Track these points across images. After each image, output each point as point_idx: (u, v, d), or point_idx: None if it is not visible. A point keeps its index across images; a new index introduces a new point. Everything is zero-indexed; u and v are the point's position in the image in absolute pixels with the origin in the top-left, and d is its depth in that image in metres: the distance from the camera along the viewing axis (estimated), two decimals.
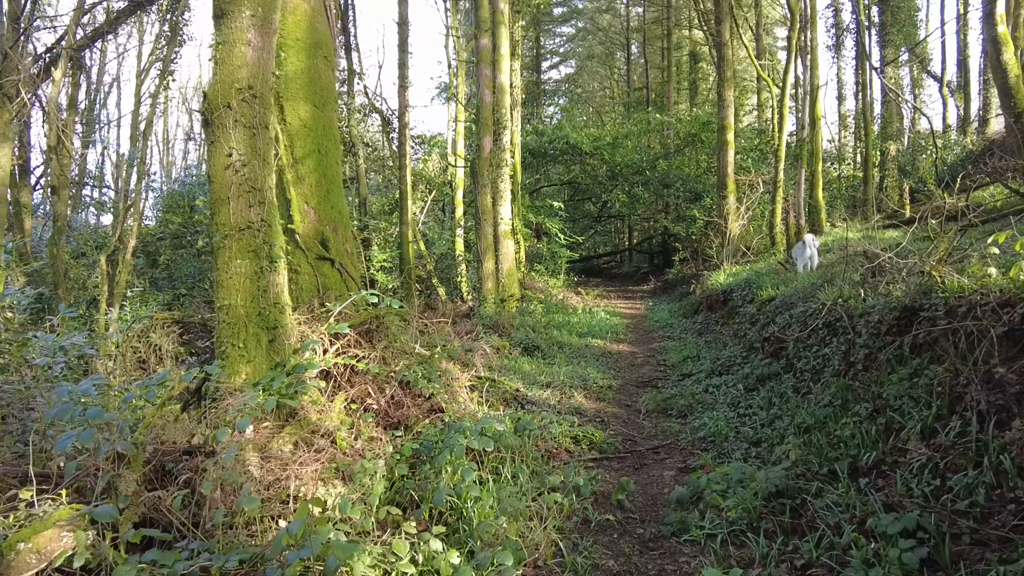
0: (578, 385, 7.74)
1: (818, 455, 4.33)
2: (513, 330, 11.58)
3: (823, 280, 8.06)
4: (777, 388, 6.36)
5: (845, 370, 5.48)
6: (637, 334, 12.68)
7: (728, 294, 11.91)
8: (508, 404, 6.95)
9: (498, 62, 16.57)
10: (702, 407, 6.48)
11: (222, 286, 4.94)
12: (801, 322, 7.05)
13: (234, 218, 4.94)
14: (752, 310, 9.71)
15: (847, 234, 15.65)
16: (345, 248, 6.92)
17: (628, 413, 6.66)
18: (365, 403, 5.40)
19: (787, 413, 5.61)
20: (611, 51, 42.36)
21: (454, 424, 4.64)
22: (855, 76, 32.53)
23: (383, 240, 22.24)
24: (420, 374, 5.56)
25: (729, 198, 17.80)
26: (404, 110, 19.57)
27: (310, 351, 5.23)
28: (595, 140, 24.12)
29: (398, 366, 5.61)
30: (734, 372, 7.64)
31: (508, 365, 9.09)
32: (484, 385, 7.19)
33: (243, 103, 5.01)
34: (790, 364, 6.73)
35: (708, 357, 8.84)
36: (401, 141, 19.42)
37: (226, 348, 4.87)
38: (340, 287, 6.72)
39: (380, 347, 5.85)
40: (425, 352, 6.62)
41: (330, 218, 6.83)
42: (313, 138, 6.84)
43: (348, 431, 5.07)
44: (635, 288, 23.49)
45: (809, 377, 6.11)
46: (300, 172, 6.73)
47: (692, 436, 5.59)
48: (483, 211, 15.25)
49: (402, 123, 19.37)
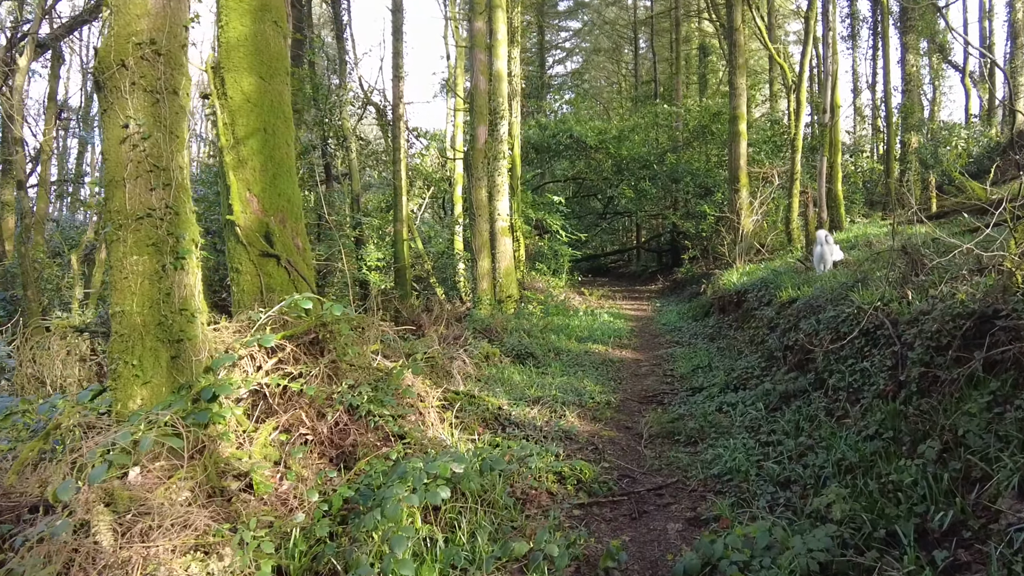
0: (572, 401, 6.71)
1: (870, 509, 3.29)
2: (506, 335, 10.56)
3: (854, 280, 6.99)
4: (805, 409, 5.31)
5: (893, 391, 4.42)
6: (642, 339, 11.63)
7: (742, 295, 10.83)
8: (488, 425, 5.94)
9: (495, 48, 15.57)
10: (716, 432, 5.43)
11: (115, 288, 3.95)
12: (831, 329, 5.99)
13: (131, 203, 3.95)
14: (770, 313, 8.64)
15: (869, 229, 14.55)
16: (295, 243, 5.93)
17: (627, 438, 5.62)
18: (300, 432, 4.40)
19: (821, 443, 4.56)
20: (618, 45, 41.26)
21: (399, 466, 3.63)
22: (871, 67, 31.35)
23: (378, 238, 21.34)
24: (368, 396, 4.55)
25: (742, 192, 16.68)
26: (399, 101, 18.61)
27: (226, 369, 4.24)
28: (600, 133, 23.04)
29: (342, 385, 4.60)
30: (752, 387, 6.58)
31: (496, 375, 8.08)
32: (460, 402, 6.18)
33: (143, 61, 4.02)
34: (820, 379, 5.67)
35: (721, 367, 7.78)
36: (395, 134, 18.47)
37: (118, 366, 3.89)
38: (287, 289, 5.73)
39: (325, 361, 4.85)
40: (389, 364, 5.62)
41: (277, 208, 5.84)
42: (258, 115, 5.85)
43: (273, 469, 4.07)
44: (642, 288, 22.41)
45: (845, 397, 5.05)
46: (241, 154, 5.75)
47: (704, 472, 4.55)
48: (478, 206, 14.25)
49: (396, 115, 18.42)
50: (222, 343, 4.62)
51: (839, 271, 8.85)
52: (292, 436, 4.33)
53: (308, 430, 4.40)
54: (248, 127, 5.80)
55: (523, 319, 11.96)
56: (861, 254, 10.42)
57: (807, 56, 13.50)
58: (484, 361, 9.06)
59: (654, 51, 36.15)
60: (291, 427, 4.47)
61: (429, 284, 19.92)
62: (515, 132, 18.81)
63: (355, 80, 21.59)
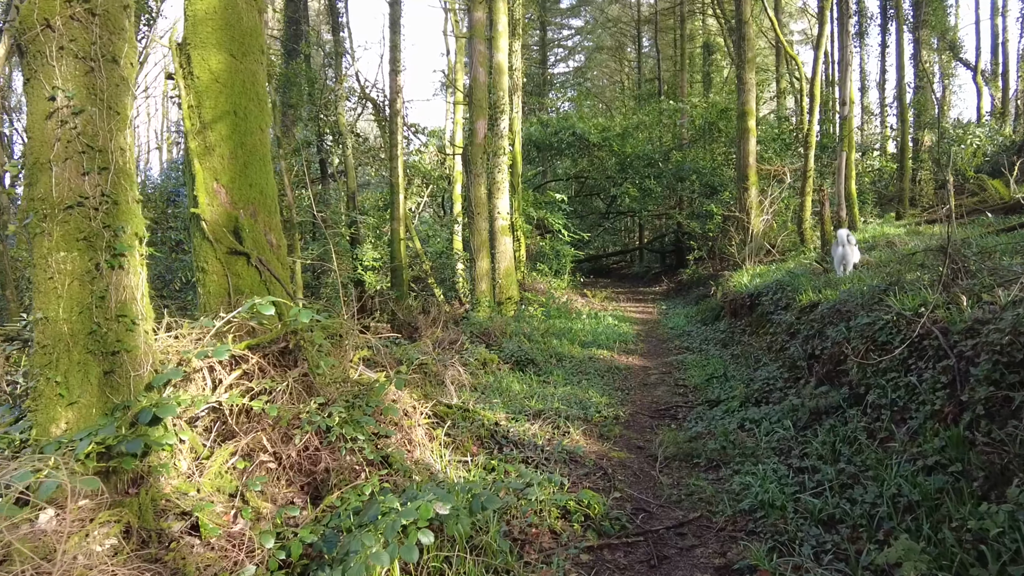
0: (576, 415, 6.09)
1: (949, 568, 2.66)
2: (505, 339, 9.94)
3: (887, 283, 6.37)
4: (841, 429, 4.68)
5: (954, 414, 3.80)
6: (650, 344, 11.01)
7: (755, 298, 10.20)
8: (483, 444, 5.32)
9: (495, 40, 14.98)
10: (740, 454, 4.80)
11: (38, 290, 3.34)
12: (866, 338, 5.36)
13: (58, 190, 3.33)
14: (789, 318, 8.02)
15: (886, 229, 13.93)
16: (268, 240, 5.31)
17: (640, 460, 5.00)
18: (261, 460, 3.78)
19: (865, 471, 3.94)
20: (621, 43, 40.66)
21: (373, 505, 3.01)
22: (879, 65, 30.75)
23: (375, 238, 20.74)
24: (341, 417, 3.93)
25: (751, 190, 16.04)
26: (396, 96, 18.01)
27: (177, 385, 3.62)
28: (603, 130, 22.42)
29: (311, 404, 3.98)
30: (776, 401, 5.96)
31: (493, 384, 7.46)
32: (453, 417, 5.56)
33: (73, 22, 3.40)
34: (856, 395, 5.05)
35: (739, 377, 7.16)
36: (392, 130, 17.87)
37: (39, 383, 3.27)
38: (259, 291, 5.10)
39: (295, 375, 4.23)
40: (373, 376, 5.00)
41: (248, 200, 5.22)
42: (228, 96, 5.23)
43: (227, 504, 3.46)
44: (646, 289, 21.78)
45: (888, 416, 4.42)
46: (209, 140, 5.13)
47: (731, 506, 3.92)
48: (477, 204, 13.64)
49: (394, 110, 17.81)
50: (176, 353, 4.01)
51: (864, 273, 8.22)
52: (250, 465, 3.71)
53: (270, 456, 3.78)
54: (216, 110, 5.18)
55: (523, 322, 11.35)
56: (883, 255, 9.81)
57: (822, 47, 12.87)
58: (481, 368, 8.45)
59: (658, 48, 35.53)
60: (252, 452, 3.85)
61: (428, 285, 19.32)
62: (516, 128, 18.20)
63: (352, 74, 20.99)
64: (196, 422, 4.01)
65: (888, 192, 21.81)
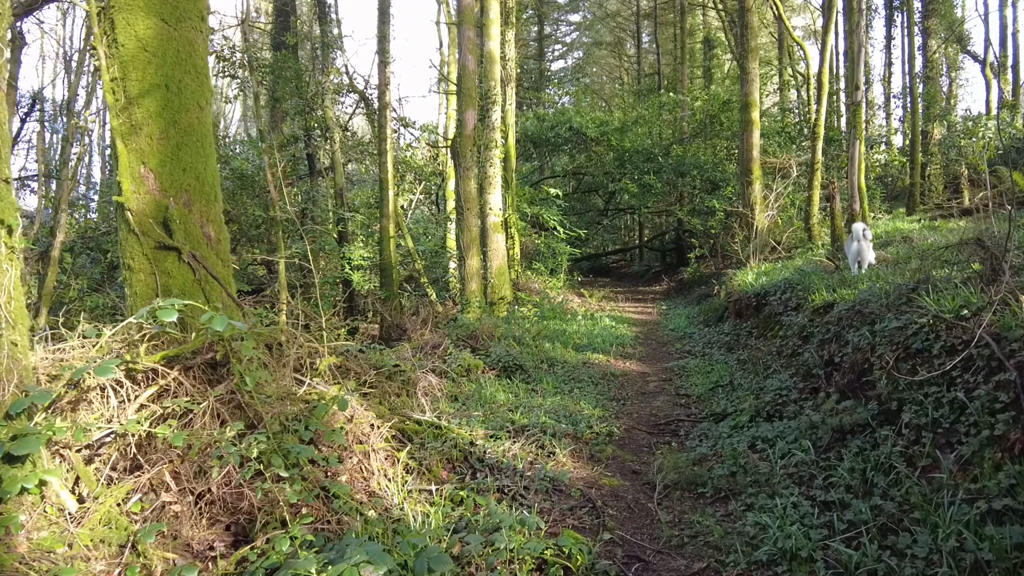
0: (564, 431, 5.37)
1: None
2: (493, 343, 9.22)
3: (915, 281, 5.65)
4: (871, 454, 3.97)
5: (1023, 443, 3.08)
6: (649, 347, 10.29)
7: (762, 297, 9.50)
8: (455, 467, 4.61)
9: (486, 27, 14.31)
10: (753, 482, 4.09)
11: None
12: (897, 344, 4.65)
13: None
14: (801, 320, 7.31)
15: (899, 224, 13.21)
16: (205, 233, 4.60)
17: (635, 489, 4.28)
18: (163, 499, 3.07)
19: (908, 510, 3.24)
20: (620, 39, 39.96)
21: (286, 568, 2.30)
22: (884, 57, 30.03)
23: (366, 236, 20.06)
24: (261, 447, 3.22)
25: (755, 185, 15.32)
26: (385, 88, 17.28)
27: (65, 408, 2.92)
28: (601, 125, 21.69)
29: (227, 432, 3.27)
30: (791, 415, 5.25)
31: (475, 394, 6.75)
32: (422, 436, 4.85)
33: None
34: (887, 411, 4.34)
35: (747, 387, 6.45)
36: (382, 123, 17.15)
37: None
38: (192, 292, 4.39)
39: (218, 392, 3.53)
40: (318, 393, 4.29)
41: (180, 186, 4.51)
42: (158, 67, 4.52)
43: (112, 561, 2.75)
44: (646, 289, 21.06)
45: (930, 440, 3.71)
46: (135, 118, 4.42)
47: (745, 554, 3.20)
48: (467, 199, 12.93)
49: (382, 103, 17.09)
50: (70, 367, 3.31)
51: (883, 270, 7.52)
52: (148, 506, 3.00)
53: (175, 496, 3.07)
54: (144, 83, 4.47)
55: (514, 324, 10.62)
56: (900, 251, 9.10)
57: (829, 34, 12.16)
58: (464, 375, 7.74)
59: (658, 43, 34.79)
60: (155, 489, 3.14)
61: (421, 284, 18.63)
62: (509, 121, 17.48)
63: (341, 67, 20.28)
64: (97, 453, 3.32)
65: (897, 187, 21.10)
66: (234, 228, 17.22)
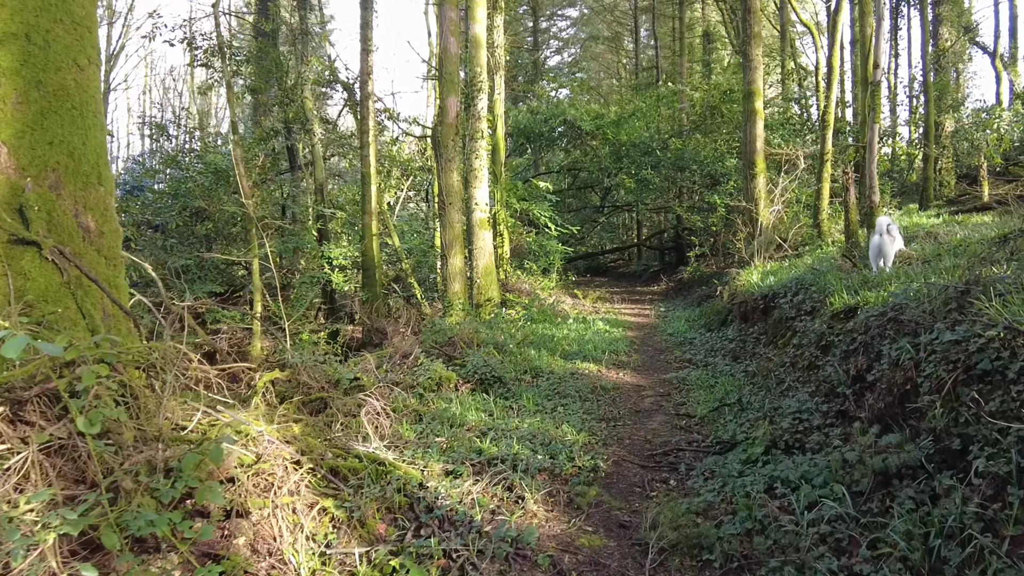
0: (540, 465, 4.42)
1: None
2: (472, 351, 8.26)
3: (965, 282, 4.70)
4: (933, 512, 3.02)
5: None
6: (645, 354, 9.34)
7: (771, 299, 8.55)
8: (395, 520, 3.66)
9: (471, 9, 13.33)
10: (774, 546, 3.14)
11: None
12: (952, 362, 3.69)
13: None
14: (818, 327, 6.35)
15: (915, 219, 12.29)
16: (81, 224, 3.63)
17: (621, 552, 3.33)
18: None
19: None
20: (617, 34, 39.00)
21: None
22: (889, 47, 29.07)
23: (352, 233, 19.11)
24: (70, 526, 2.25)
25: (759, 178, 14.35)
26: (367, 78, 16.30)
27: None
28: (597, 118, 20.72)
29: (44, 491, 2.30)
30: (815, 448, 4.29)
31: (442, 414, 5.80)
32: (361, 476, 3.90)
33: None
34: (946, 450, 3.39)
35: (758, 406, 5.49)
36: (363, 114, 16.17)
37: None
38: (60, 297, 3.43)
39: (44, 438, 2.57)
40: (208, 428, 3.33)
41: (45, 164, 3.54)
42: (14, 11, 3.56)
43: None
44: (644, 289, 20.11)
45: (1020, 498, 2.75)
46: None
47: None
48: (448, 192, 11.97)
49: (364, 93, 16.11)
50: None
51: (912, 269, 6.57)
52: None
53: None
54: None
55: (497, 329, 9.67)
56: (925, 247, 8.15)
57: (843, 9, 11.20)
58: (435, 390, 6.79)
59: (656, 37, 33.85)
60: None
61: (408, 285, 17.67)
62: (498, 111, 16.51)
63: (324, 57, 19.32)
64: None
65: (906, 182, 20.17)
66: (208, 226, 16.29)
